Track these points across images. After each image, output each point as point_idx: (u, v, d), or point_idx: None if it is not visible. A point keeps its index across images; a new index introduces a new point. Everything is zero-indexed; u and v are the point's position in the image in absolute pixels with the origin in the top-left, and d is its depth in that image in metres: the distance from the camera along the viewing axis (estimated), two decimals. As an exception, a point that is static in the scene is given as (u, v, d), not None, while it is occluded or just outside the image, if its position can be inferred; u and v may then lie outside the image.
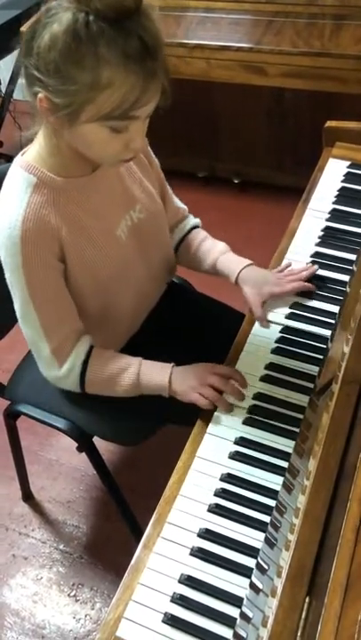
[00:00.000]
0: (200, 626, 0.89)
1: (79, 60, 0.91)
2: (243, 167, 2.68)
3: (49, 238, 1.08)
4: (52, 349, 1.17)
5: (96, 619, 1.60)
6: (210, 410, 1.13)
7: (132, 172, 1.22)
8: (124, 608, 0.91)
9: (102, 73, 0.92)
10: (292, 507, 0.92)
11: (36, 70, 0.95)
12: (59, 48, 0.91)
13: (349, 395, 0.89)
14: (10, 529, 1.80)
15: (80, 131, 0.99)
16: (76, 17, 0.90)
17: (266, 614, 0.81)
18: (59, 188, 1.09)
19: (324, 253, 1.38)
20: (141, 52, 0.92)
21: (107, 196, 1.16)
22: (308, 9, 2.13)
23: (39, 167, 1.08)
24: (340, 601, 0.65)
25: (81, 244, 1.13)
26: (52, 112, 0.98)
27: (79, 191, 1.12)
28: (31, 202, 1.07)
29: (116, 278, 1.21)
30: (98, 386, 1.22)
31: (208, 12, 2.26)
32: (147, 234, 1.25)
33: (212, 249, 1.35)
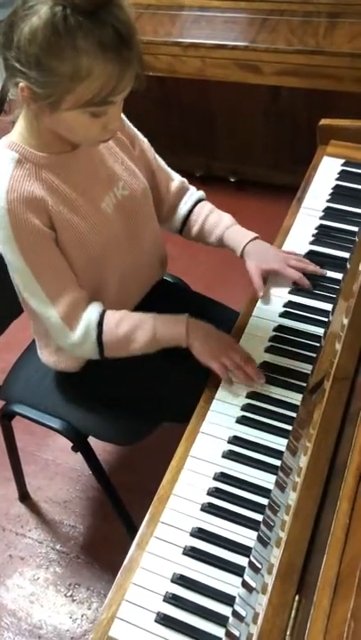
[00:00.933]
0: (193, 625, 0.89)
1: (59, 53, 0.94)
2: (239, 166, 2.68)
3: (35, 208, 1.09)
4: (62, 315, 1.16)
5: (92, 618, 1.60)
6: (204, 408, 1.13)
7: (114, 151, 1.24)
8: (117, 608, 0.91)
9: (81, 64, 0.94)
10: (285, 505, 0.92)
11: (17, 62, 0.97)
12: (39, 42, 0.94)
13: (340, 392, 0.88)
14: (6, 529, 1.80)
15: (61, 117, 1.02)
16: (54, 11, 0.92)
17: (257, 611, 0.80)
18: (41, 163, 1.11)
19: (317, 252, 1.38)
20: (117, 41, 0.94)
21: (88, 172, 1.17)
22: (303, 7, 2.13)
23: (21, 144, 1.10)
24: (329, 599, 0.65)
25: (67, 215, 1.14)
26: (33, 100, 1.01)
27: (60, 167, 1.13)
28: (14, 175, 1.08)
29: (103, 253, 1.21)
30: (115, 347, 1.20)
31: (203, 10, 2.26)
32: (132, 211, 1.25)
33: (219, 223, 1.36)
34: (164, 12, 2.28)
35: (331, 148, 1.59)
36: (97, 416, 1.40)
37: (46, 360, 1.38)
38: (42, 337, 1.35)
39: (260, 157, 2.63)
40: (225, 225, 1.35)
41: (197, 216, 1.39)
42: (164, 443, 1.67)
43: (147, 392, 1.35)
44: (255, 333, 1.24)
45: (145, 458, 1.85)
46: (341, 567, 0.67)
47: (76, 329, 1.17)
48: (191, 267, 2.13)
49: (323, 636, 0.63)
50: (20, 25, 0.95)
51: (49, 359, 1.37)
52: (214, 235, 1.36)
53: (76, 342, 1.19)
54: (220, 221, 1.36)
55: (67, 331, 1.18)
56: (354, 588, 0.61)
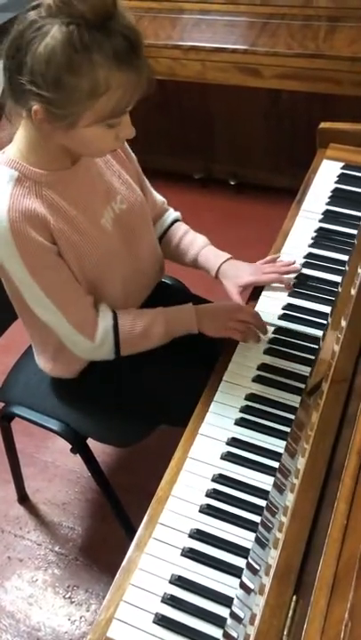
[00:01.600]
0: (191, 626, 0.89)
1: (78, 70, 0.93)
2: (239, 169, 2.69)
3: (37, 225, 1.09)
4: (75, 325, 1.17)
5: (91, 620, 1.60)
6: (203, 410, 1.13)
7: (110, 164, 1.24)
8: (116, 609, 0.91)
9: (99, 78, 0.94)
10: (283, 506, 0.92)
11: (33, 85, 0.95)
12: (57, 62, 0.92)
13: (338, 393, 0.89)
14: (5, 531, 1.80)
15: (76, 134, 1.02)
16: (69, 29, 0.91)
17: (254, 612, 0.81)
18: (40, 181, 1.10)
19: (316, 254, 1.38)
20: (129, 49, 0.94)
21: (87, 188, 1.17)
22: (303, 11, 2.14)
23: (20, 162, 1.09)
24: (326, 599, 0.65)
25: (68, 233, 1.13)
26: (48, 122, 1.00)
27: (60, 184, 1.12)
28: (14, 193, 1.07)
29: (103, 268, 1.21)
30: (131, 345, 1.23)
31: (203, 14, 2.27)
32: (130, 225, 1.26)
33: (193, 243, 1.38)
34: (164, 15, 2.29)
35: (330, 152, 1.59)
36: (96, 418, 1.41)
37: (43, 366, 1.38)
38: (38, 344, 1.35)
39: (260, 160, 2.64)
40: (199, 246, 1.37)
41: (172, 236, 1.40)
42: (162, 444, 1.67)
43: (146, 394, 1.35)
44: (254, 335, 1.25)
45: (143, 459, 1.85)
46: (338, 567, 0.67)
47: (92, 335, 1.19)
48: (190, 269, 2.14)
49: (320, 636, 0.63)
50: (31, 48, 0.93)
51: (45, 366, 1.37)
52: (188, 255, 1.38)
53: (94, 347, 1.21)
54: (195, 242, 1.38)
55: (82, 338, 1.19)
56: (351, 588, 0.61)
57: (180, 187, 2.67)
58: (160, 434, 1.46)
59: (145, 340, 1.23)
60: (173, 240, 1.40)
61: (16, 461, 1.73)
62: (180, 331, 1.25)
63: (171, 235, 1.40)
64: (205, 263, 1.36)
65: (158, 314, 1.24)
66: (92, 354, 1.24)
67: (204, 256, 1.36)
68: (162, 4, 2.31)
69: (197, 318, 1.24)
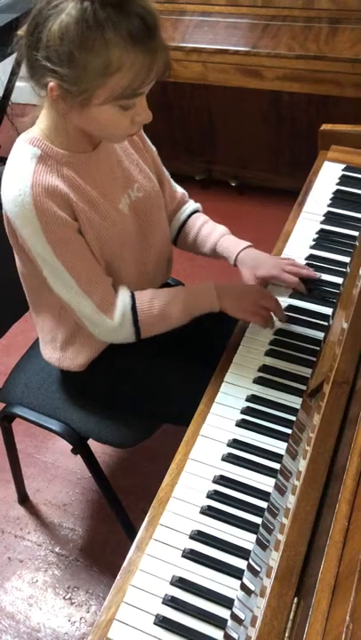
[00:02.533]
0: (191, 627, 0.88)
1: (91, 48, 0.95)
2: (240, 170, 2.69)
3: (60, 201, 1.10)
4: (97, 304, 1.17)
5: (91, 621, 1.60)
6: (204, 411, 1.13)
7: (129, 153, 1.25)
8: (116, 610, 0.91)
9: (112, 57, 0.95)
10: (284, 508, 0.92)
11: (48, 61, 0.98)
12: (70, 38, 0.94)
13: (340, 395, 0.89)
14: (5, 532, 1.80)
15: (91, 113, 1.03)
16: (84, 6, 0.93)
17: (255, 614, 0.81)
18: (62, 161, 1.11)
19: (318, 256, 1.38)
20: (144, 31, 0.96)
21: (106, 172, 1.18)
22: (305, 13, 2.14)
23: (43, 140, 1.11)
24: (327, 601, 0.65)
25: (89, 212, 1.14)
26: (63, 99, 1.02)
27: (81, 165, 1.14)
28: (37, 170, 1.08)
29: (120, 251, 1.22)
30: (151, 326, 1.22)
31: (205, 15, 2.27)
32: (146, 213, 1.26)
33: (212, 232, 1.37)
34: (166, 16, 2.30)
35: (332, 153, 1.60)
36: (97, 418, 1.41)
37: (49, 357, 1.36)
38: (47, 333, 1.33)
39: (261, 162, 2.64)
40: (219, 234, 1.37)
41: (192, 226, 1.40)
42: (163, 445, 1.67)
43: (147, 394, 1.35)
44: (256, 337, 1.25)
45: (144, 461, 1.85)
46: (340, 569, 0.67)
47: (113, 316, 1.19)
48: (192, 271, 2.14)
49: (321, 637, 0.63)
50: (47, 24, 0.96)
51: (52, 356, 1.35)
52: (208, 244, 1.37)
53: (115, 328, 1.20)
54: (214, 231, 1.38)
55: (104, 318, 1.18)
56: (352, 590, 0.61)
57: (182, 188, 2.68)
58: (161, 435, 1.46)
59: (164, 319, 1.22)
60: (193, 230, 1.40)
61: (16, 462, 1.73)
62: (201, 309, 1.24)
63: (190, 225, 1.40)
64: (224, 251, 1.35)
65: (177, 292, 1.24)
66: (113, 335, 1.22)
67: (224, 244, 1.35)
68: (163, 5, 2.31)
69: (218, 296, 1.23)
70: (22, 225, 1.09)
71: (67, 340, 1.31)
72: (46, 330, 1.33)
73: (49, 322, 1.31)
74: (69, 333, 1.30)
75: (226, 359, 1.22)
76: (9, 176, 1.10)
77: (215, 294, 1.23)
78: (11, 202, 1.08)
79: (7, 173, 1.11)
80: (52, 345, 1.34)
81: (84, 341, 1.30)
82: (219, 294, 1.23)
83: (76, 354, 1.32)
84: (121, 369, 1.34)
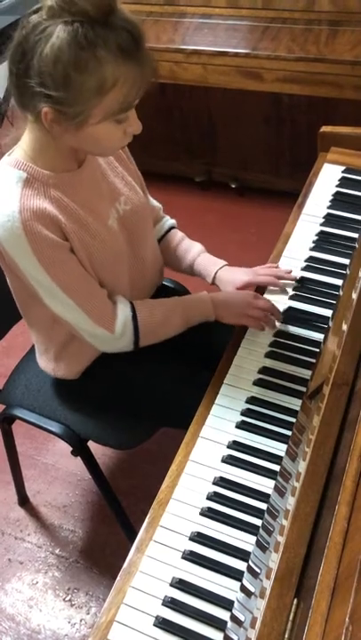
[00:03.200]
0: (191, 629, 0.89)
1: (85, 68, 0.94)
2: (240, 172, 2.69)
3: (49, 223, 1.09)
4: (95, 319, 1.18)
5: (91, 623, 1.60)
6: (204, 413, 1.13)
7: (114, 166, 1.25)
8: (116, 611, 0.91)
9: (107, 74, 0.95)
10: (284, 510, 0.92)
11: (42, 87, 0.96)
12: (65, 60, 0.93)
13: (339, 397, 0.89)
14: (5, 533, 1.80)
15: (86, 132, 1.03)
16: (72, 27, 0.93)
17: (255, 615, 0.81)
18: (48, 182, 1.10)
19: (317, 258, 1.38)
20: (132, 43, 0.96)
21: (93, 189, 1.18)
22: (305, 15, 2.14)
23: (27, 163, 1.09)
24: (327, 603, 0.65)
25: (79, 233, 1.14)
26: (58, 123, 1.01)
27: (67, 185, 1.13)
28: (24, 194, 1.07)
29: (112, 269, 1.22)
30: (150, 334, 1.24)
31: (205, 17, 2.27)
32: (134, 226, 1.26)
33: (190, 250, 1.39)
34: (166, 19, 2.30)
35: (331, 155, 1.60)
36: (97, 420, 1.41)
37: (44, 367, 1.38)
38: (41, 344, 1.35)
39: (261, 164, 2.64)
40: (195, 253, 1.39)
41: (169, 242, 1.41)
42: (163, 447, 1.67)
43: (147, 397, 1.35)
44: (255, 339, 1.25)
45: (144, 462, 1.85)
46: (339, 571, 0.67)
47: (112, 327, 1.20)
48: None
49: (321, 639, 0.63)
50: (37, 49, 0.94)
51: (47, 366, 1.37)
52: (185, 262, 1.39)
53: (114, 338, 1.21)
54: (191, 249, 1.39)
55: (102, 331, 1.19)
56: (352, 592, 0.62)
57: (182, 190, 2.68)
58: (161, 436, 1.46)
59: (163, 328, 1.25)
60: (170, 246, 1.41)
61: (17, 464, 1.73)
62: (198, 319, 1.27)
63: (168, 241, 1.42)
64: (202, 270, 1.38)
65: (176, 303, 1.26)
66: (113, 345, 1.23)
67: (201, 264, 1.38)
68: (164, 7, 2.32)
69: (214, 306, 1.26)
70: (13, 249, 1.09)
71: (59, 351, 1.32)
72: (39, 342, 1.35)
73: (41, 335, 1.33)
74: (61, 346, 1.31)
75: (225, 361, 1.22)
76: None
77: (211, 304, 1.26)
78: (0, 227, 1.07)
79: None
80: (46, 356, 1.36)
81: (76, 352, 1.31)
82: (214, 304, 1.26)
83: (68, 364, 1.33)
84: (119, 373, 1.34)
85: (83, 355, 1.32)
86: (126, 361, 1.32)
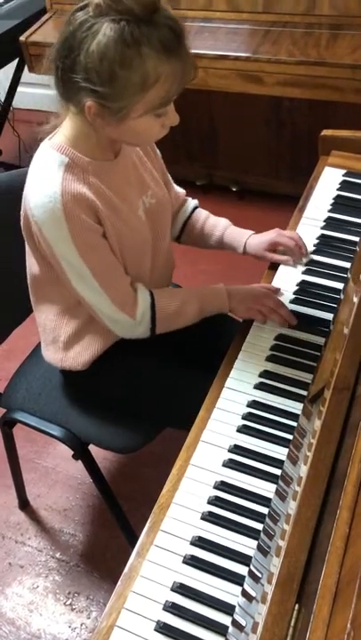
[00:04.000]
0: (192, 634, 0.88)
1: (129, 65, 0.98)
2: (241, 175, 2.69)
3: (86, 207, 1.12)
4: (119, 305, 1.20)
5: (92, 628, 1.60)
6: (205, 417, 1.13)
7: (143, 161, 1.28)
8: (117, 616, 0.91)
9: (150, 70, 0.99)
10: (285, 514, 0.92)
11: (88, 82, 1.00)
12: (110, 57, 0.97)
13: (341, 401, 0.89)
14: (6, 537, 1.79)
15: (127, 125, 1.06)
16: (118, 25, 0.96)
17: (256, 620, 0.80)
18: (88, 169, 1.14)
19: (318, 261, 1.38)
20: (174, 40, 0.99)
21: (126, 180, 1.22)
22: (305, 19, 2.15)
23: (70, 148, 1.13)
24: (328, 608, 0.65)
25: (113, 219, 1.17)
26: (101, 117, 1.05)
27: (104, 173, 1.16)
28: (65, 177, 1.11)
29: (138, 257, 1.26)
30: (167, 322, 1.27)
31: (206, 21, 2.28)
32: (158, 219, 1.30)
33: (217, 225, 1.44)
34: (167, 22, 2.30)
35: (332, 159, 1.60)
36: (98, 424, 1.41)
37: (51, 358, 1.37)
38: (50, 333, 1.34)
39: (262, 167, 2.64)
40: (223, 226, 1.43)
41: (195, 222, 1.45)
42: (164, 451, 1.67)
43: (148, 399, 1.35)
44: (256, 342, 1.25)
45: (145, 466, 1.85)
46: (341, 576, 0.67)
47: (133, 313, 1.23)
48: (192, 276, 2.14)
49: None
50: (83, 46, 0.98)
51: (54, 356, 1.36)
52: (213, 237, 1.43)
53: (134, 325, 1.24)
54: (218, 224, 1.44)
55: (124, 316, 1.22)
56: (354, 597, 0.61)
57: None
58: (162, 441, 1.46)
59: (179, 317, 1.27)
60: (197, 225, 1.45)
61: (17, 467, 1.73)
62: (213, 310, 1.30)
63: (194, 220, 1.45)
64: (231, 241, 1.42)
65: (192, 293, 1.29)
66: (132, 331, 1.26)
67: (230, 235, 1.42)
68: (164, 11, 2.32)
69: (229, 298, 1.29)
70: (51, 230, 1.12)
71: (69, 339, 1.32)
72: (48, 330, 1.34)
73: (52, 322, 1.32)
74: (73, 332, 1.31)
75: (227, 364, 1.22)
76: (37, 181, 1.12)
77: (226, 296, 1.29)
78: (39, 207, 1.10)
79: (34, 178, 1.13)
80: (54, 346, 1.35)
81: (88, 340, 1.31)
82: (229, 296, 1.29)
83: (78, 353, 1.32)
84: (123, 372, 1.34)
85: (93, 343, 1.32)
86: (130, 361, 1.32)
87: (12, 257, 1.33)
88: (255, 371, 1.20)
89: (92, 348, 1.32)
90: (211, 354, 1.31)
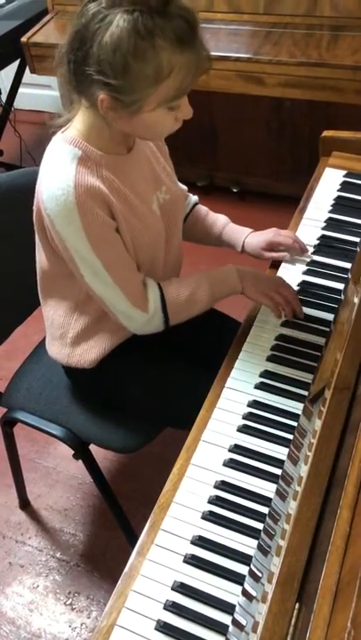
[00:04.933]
0: (193, 633, 0.88)
1: (143, 56, 0.96)
2: (242, 176, 2.70)
3: (100, 201, 1.11)
4: (132, 300, 1.20)
5: (92, 627, 1.60)
6: (205, 416, 1.13)
7: (157, 156, 1.28)
8: (117, 615, 0.91)
9: (163, 62, 0.97)
10: (286, 514, 0.92)
11: (101, 75, 0.99)
12: (124, 49, 0.96)
13: (341, 401, 0.89)
14: (6, 537, 1.80)
15: (140, 118, 1.05)
16: (132, 16, 0.95)
17: (256, 620, 0.81)
18: (101, 163, 1.13)
19: (319, 262, 1.39)
20: (188, 31, 0.98)
21: (140, 174, 1.21)
22: (306, 20, 2.15)
23: (83, 142, 1.12)
24: (329, 607, 0.65)
25: (126, 214, 1.16)
26: (114, 110, 1.03)
27: (117, 167, 1.16)
28: (79, 171, 1.10)
29: (151, 253, 1.25)
30: (179, 313, 1.25)
31: (207, 22, 2.28)
32: (172, 215, 1.29)
33: (216, 223, 1.44)
34: (168, 23, 2.31)
35: (333, 160, 1.60)
36: (98, 423, 1.41)
37: (57, 353, 1.36)
38: (57, 328, 1.33)
39: (263, 168, 2.65)
40: (222, 224, 1.44)
41: (195, 218, 1.45)
42: (165, 451, 1.67)
43: (149, 399, 1.36)
44: (257, 342, 1.25)
45: (146, 466, 1.85)
46: (341, 575, 0.67)
47: (145, 308, 1.22)
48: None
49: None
50: (96, 38, 0.96)
51: (61, 352, 1.35)
52: (212, 234, 1.44)
53: (148, 319, 1.23)
54: (217, 222, 1.44)
55: (137, 311, 1.21)
56: (354, 596, 0.62)
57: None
58: (162, 440, 1.46)
59: (191, 305, 1.26)
60: (197, 221, 1.45)
61: (18, 467, 1.73)
62: (225, 292, 1.28)
63: (194, 216, 1.45)
64: (230, 240, 1.42)
65: (201, 278, 1.26)
66: (146, 326, 1.25)
67: (228, 234, 1.42)
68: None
69: (240, 278, 1.27)
70: (63, 223, 1.11)
71: (78, 335, 1.31)
72: (56, 325, 1.33)
73: (60, 317, 1.32)
74: (82, 329, 1.30)
75: (227, 364, 1.22)
76: (50, 174, 1.11)
77: (237, 276, 1.27)
78: (52, 200, 1.09)
79: (48, 171, 1.12)
80: (62, 341, 1.34)
81: (97, 338, 1.31)
82: (240, 276, 1.27)
83: (86, 350, 1.32)
84: (124, 372, 1.34)
85: (102, 341, 1.31)
86: (131, 361, 1.32)
87: (13, 257, 1.33)
88: (256, 370, 1.20)
89: (101, 347, 1.31)
90: (211, 353, 1.31)
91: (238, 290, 1.27)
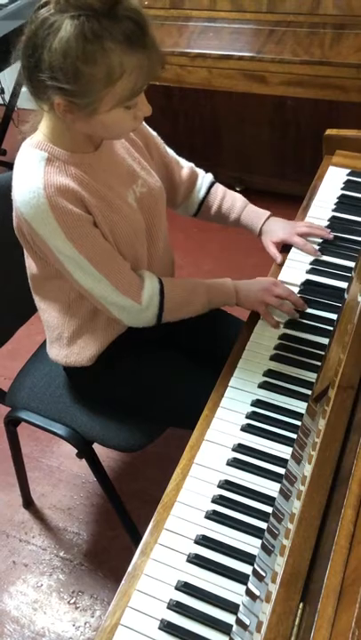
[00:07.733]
0: (196, 633, 0.88)
1: (93, 60, 0.97)
2: (245, 175, 2.69)
3: (72, 198, 1.12)
4: (123, 290, 1.20)
5: (96, 626, 1.60)
6: (209, 416, 1.13)
7: (130, 152, 1.27)
8: (121, 614, 0.91)
9: (114, 64, 0.98)
10: (289, 513, 0.92)
11: (54, 80, 0.99)
12: (73, 54, 0.96)
13: (345, 400, 0.89)
14: (10, 536, 1.80)
15: (97, 119, 1.06)
16: (78, 21, 0.95)
17: (260, 619, 0.80)
18: (68, 161, 1.13)
19: (323, 261, 1.38)
20: (137, 31, 0.98)
21: (111, 170, 1.21)
22: (309, 18, 2.14)
23: (48, 144, 1.13)
24: (333, 607, 0.65)
25: (101, 207, 1.17)
26: (70, 112, 1.04)
27: (87, 165, 1.16)
28: (47, 171, 1.11)
29: (133, 245, 1.24)
30: (173, 311, 1.27)
31: (210, 21, 2.28)
32: (151, 207, 1.29)
33: (234, 206, 1.46)
34: (171, 22, 2.31)
35: (336, 158, 1.60)
36: (102, 423, 1.41)
37: (56, 356, 1.37)
38: (54, 330, 1.34)
39: (266, 166, 2.64)
40: (240, 208, 1.46)
41: (213, 200, 1.47)
42: (168, 450, 1.67)
43: (152, 399, 1.36)
44: (261, 341, 1.25)
45: (149, 465, 1.85)
46: (346, 575, 0.67)
47: (139, 298, 1.22)
48: (196, 275, 2.14)
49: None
50: (46, 44, 0.97)
51: (59, 353, 1.36)
52: (231, 217, 1.46)
53: (141, 310, 1.23)
54: (235, 205, 1.46)
55: (129, 302, 1.22)
56: (358, 596, 0.61)
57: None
58: (166, 439, 1.46)
59: (186, 306, 1.28)
60: (214, 205, 1.47)
61: (21, 466, 1.73)
62: (220, 301, 1.31)
63: (210, 200, 1.47)
64: (248, 223, 1.45)
65: (200, 284, 1.29)
66: (138, 318, 1.25)
67: (246, 218, 1.45)
68: (169, 11, 2.32)
69: (235, 291, 1.30)
70: (40, 226, 1.11)
71: (73, 334, 1.32)
72: (52, 327, 1.34)
73: (55, 319, 1.32)
74: (76, 327, 1.31)
75: (231, 364, 1.22)
76: (20, 180, 1.12)
77: (233, 289, 1.30)
78: (26, 204, 1.10)
79: (18, 178, 1.13)
80: (59, 343, 1.35)
81: (92, 334, 1.31)
82: (236, 289, 1.30)
83: (82, 347, 1.32)
84: (127, 372, 1.34)
85: (96, 338, 1.31)
86: (133, 360, 1.32)
87: (14, 256, 1.33)
88: (259, 370, 1.20)
89: (97, 342, 1.32)
90: (215, 353, 1.31)
91: (233, 301, 1.30)
